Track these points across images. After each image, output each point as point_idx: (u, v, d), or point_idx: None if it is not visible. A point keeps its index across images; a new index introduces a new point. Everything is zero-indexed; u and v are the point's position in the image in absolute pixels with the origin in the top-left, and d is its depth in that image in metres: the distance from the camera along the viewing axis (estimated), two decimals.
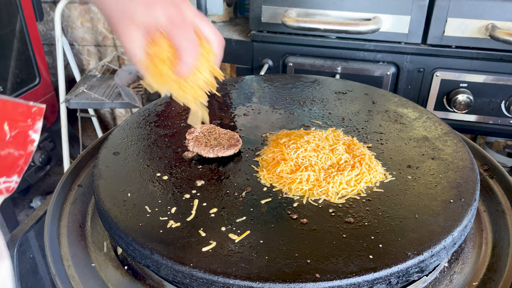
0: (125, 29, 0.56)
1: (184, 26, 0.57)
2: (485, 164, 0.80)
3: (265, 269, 0.51)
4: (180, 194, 0.64)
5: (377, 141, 0.76)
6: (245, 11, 1.51)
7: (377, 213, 0.59)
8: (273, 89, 0.96)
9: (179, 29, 0.56)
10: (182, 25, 0.57)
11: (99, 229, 0.68)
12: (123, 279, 0.60)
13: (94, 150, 0.83)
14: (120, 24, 0.56)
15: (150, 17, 0.55)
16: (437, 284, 0.60)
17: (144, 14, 0.55)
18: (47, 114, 1.98)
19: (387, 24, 1.14)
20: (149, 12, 0.55)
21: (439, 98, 1.19)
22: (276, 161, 0.68)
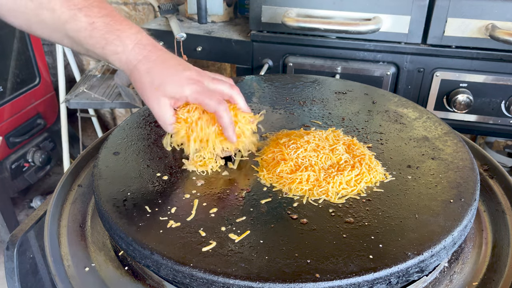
0: (157, 100, 0.65)
1: (211, 93, 0.65)
2: (485, 164, 0.80)
3: (265, 269, 0.51)
4: (180, 194, 0.64)
5: (377, 141, 0.76)
6: (245, 11, 1.51)
7: (377, 213, 0.59)
8: (273, 89, 0.96)
9: (207, 96, 0.65)
10: (208, 93, 0.65)
11: (99, 229, 0.68)
12: (123, 279, 0.60)
13: (94, 150, 0.83)
14: (153, 96, 0.65)
15: (181, 94, 0.65)
16: (437, 284, 0.60)
17: (175, 91, 0.64)
18: (47, 114, 1.98)
19: (387, 24, 1.14)
20: (180, 90, 0.64)
21: (439, 98, 1.19)
22: (276, 161, 0.68)
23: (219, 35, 1.33)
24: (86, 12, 0.62)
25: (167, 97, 0.65)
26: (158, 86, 0.64)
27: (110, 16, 0.64)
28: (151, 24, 1.43)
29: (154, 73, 0.64)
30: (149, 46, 0.65)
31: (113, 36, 0.63)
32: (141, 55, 0.64)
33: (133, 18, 2.01)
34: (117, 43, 0.63)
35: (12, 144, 1.81)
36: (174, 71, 0.65)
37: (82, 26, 0.62)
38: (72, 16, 0.62)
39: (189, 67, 0.67)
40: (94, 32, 0.62)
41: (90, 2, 0.63)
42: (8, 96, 1.77)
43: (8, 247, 0.66)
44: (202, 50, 1.34)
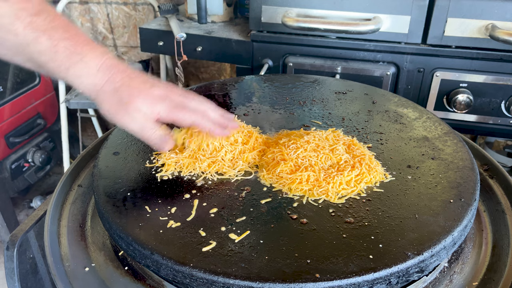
0: (131, 116, 0.63)
1: (182, 108, 0.65)
2: (485, 164, 0.80)
3: (265, 269, 0.51)
4: (180, 194, 0.64)
5: (377, 141, 0.76)
6: (245, 11, 1.51)
7: (377, 213, 0.59)
8: (273, 89, 0.96)
9: (180, 111, 0.65)
10: (180, 108, 0.65)
11: (99, 229, 0.68)
12: (123, 279, 0.60)
13: (94, 150, 0.83)
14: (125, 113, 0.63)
15: (152, 110, 0.64)
16: (437, 284, 0.60)
17: (146, 108, 0.63)
18: (47, 114, 1.98)
19: (387, 24, 1.14)
20: (151, 107, 0.63)
21: (439, 98, 1.19)
22: (276, 161, 0.68)
23: (219, 35, 1.33)
24: (49, 35, 0.60)
25: (140, 112, 0.63)
26: (127, 102, 0.62)
27: (73, 39, 0.62)
28: (151, 24, 1.43)
29: (121, 91, 0.63)
30: (114, 68, 0.64)
31: (76, 59, 0.62)
32: (106, 77, 0.63)
33: (133, 18, 2.01)
34: (80, 66, 0.62)
35: (12, 144, 1.81)
36: (142, 89, 0.64)
37: (44, 49, 0.61)
38: (35, 39, 0.60)
39: (156, 84, 0.65)
40: (56, 55, 0.61)
41: (54, 25, 0.61)
42: (8, 96, 1.77)
43: (8, 247, 0.66)
44: (202, 50, 1.34)
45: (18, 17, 0.59)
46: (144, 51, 1.46)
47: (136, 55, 2.12)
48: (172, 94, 0.66)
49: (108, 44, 2.10)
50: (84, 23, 2.06)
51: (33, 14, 0.60)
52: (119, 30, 2.06)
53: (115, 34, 2.07)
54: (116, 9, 2.00)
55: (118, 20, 2.03)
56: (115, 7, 2.00)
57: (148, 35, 1.40)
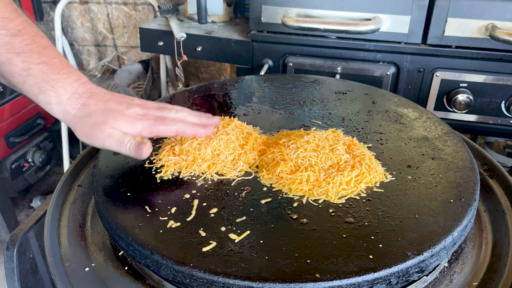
0: (108, 133, 0.62)
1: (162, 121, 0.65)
2: (485, 164, 0.80)
3: (265, 269, 0.51)
4: (180, 194, 0.64)
5: (377, 141, 0.76)
6: (245, 11, 1.51)
7: (377, 213, 0.59)
8: (273, 89, 0.96)
9: (161, 124, 0.65)
10: (160, 121, 0.65)
11: (99, 229, 0.68)
12: (123, 279, 0.60)
13: (94, 150, 0.83)
14: (101, 132, 0.63)
15: (134, 130, 0.63)
16: (437, 284, 0.60)
17: (126, 128, 0.63)
18: (47, 114, 1.98)
19: (387, 24, 1.14)
20: (132, 127, 0.63)
21: (439, 98, 1.19)
22: (276, 162, 0.68)
23: (219, 35, 1.33)
24: (24, 58, 0.60)
25: (117, 130, 0.62)
26: (104, 121, 0.62)
27: (48, 64, 0.61)
28: (151, 24, 1.43)
29: (97, 115, 0.62)
30: (86, 94, 0.64)
31: (48, 86, 0.61)
32: (78, 103, 0.63)
33: (133, 18, 2.01)
34: (51, 93, 0.62)
35: (12, 144, 1.81)
36: (118, 111, 0.63)
37: (17, 71, 0.60)
38: (8, 60, 0.60)
39: (131, 103, 0.65)
40: (28, 78, 0.61)
41: (31, 47, 0.61)
42: (8, 96, 1.77)
43: (8, 247, 0.66)
44: (202, 50, 1.34)
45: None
46: (144, 51, 1.46)
47: (136, 55, 2.12)
48: (150, 110, 0.66)
49: (108, 44, 2.10)
50: (84, 23, 2.06)
51: (12, 34, 0.60)
52: (119, 30, 2.06)
53: (115, 34, 2.07)
54: (116, 9, 2.00)
55: (118, 20, 2.03)
56: (115, 7, 2.00)
57: (148, 35, 1.40)
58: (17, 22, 0.61)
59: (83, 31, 2.09)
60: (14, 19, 0.61)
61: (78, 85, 0.64)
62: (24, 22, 0.62)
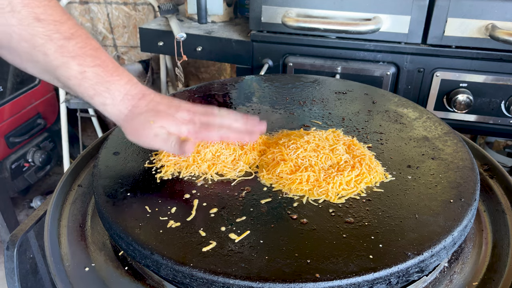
0: (154, 132, 0.64)
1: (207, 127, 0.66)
2: (485, 164, 0.80)
3: (265, 269, 0.51)
4: (180, 194, 0.64)
5: (377, 141, 0.76)
6: (245, 11, 1.51)
7: (377, 213, 0.59)
8: (273, 89, 0.96)
9: (206, 131, 0.66)
10: (205, 128, 0.66)
11: (99, 229, 0.68)
12: (123, 279, 0.60)
13: (94, 150, 0.83)
14: (149, 131, 0.64)
15: (179, 132, 0.65)
16: (437, 284, 0.60)
17: (173, 129, 0.65)
18: (47, 114, 1.98)
19: (387, 24, 1.14)
20: (178, 128, 0.65)
21: (439, 98, 1.19)
22: (276, 162, 0.68)
23: (219, 35, 1.33)
24: (79, 61, 0.61)
25: (164, 129, 0.64)
26: (154, 121, 0.64)
27: (102, 66, 0.63)
28: (151, 24, 1.43)
29: (147, 115, 0.64)
30: (139, 95, 0.66)
31: (102, 87, 0.63)
32: (130, 105, 0.65)
33: (133, 18, 2.01)
34: (106, 95, 0.64)
35: (12, 144, 1.81)
36: (167, 113, 0.65)
37: (73, 74, 0.62)
38: (64, 63, 0.61)
39: (180, 107, 0.67)
40: (84, 81, 0.62)
41: (84, 51, 0.62)
42: (8, 96, 1.77)
43: (8, 247, 0.66)
44: (202, 50, 1.34)
45: (51, 39, 0.60)
46: (144, 51, 1.46)
47: (136, 55, 2.12)
48: (196, 115, 0.67)
49: (108, 44, 2.10)
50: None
51: (66, 37, 0.61)
52: (119, 30, 2.06)
53: (115, 34, 2.07)
54: (116, 9, 2.00)
55: (118, 20, 2.03)
56: (115, 7, 2.00)
57: (148, 35, 1.40)
58: (68, 25, 0.62)
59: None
60: (66, 22, 0.62)
61: (130, 87, 0.65)
62: (74, 25, 0.63)
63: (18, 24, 0.58)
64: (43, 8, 0.60)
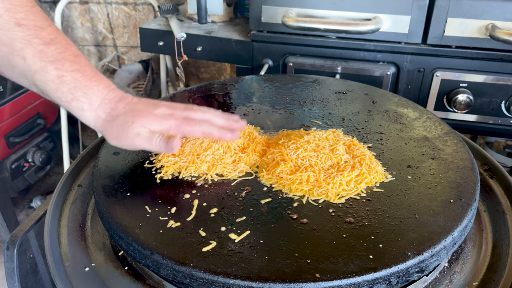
0: (136, 132, 0.63)
1: (189, 122, 0.65)
2: (485, 164, 0.80)
3: (265, 269, 0.51)
4: (180, 194, 0.64)
5: (377, 141, 0.76)
6: (245, 11, 1.51)
7: (377, 213, 0.59)
8: (273, 89, 0.96)
9: (188, 125, 0.65)
10: (187, 122, 0.65)
11: (99, 229, 0.68)
12: (123, 279, 0.60)
13: (94, 150, 0.83)
14: (130, 131, 0.63)
15: (161, 128, 0.64)
16: (437, 284, 0.60)
17: (154, 127, 0.64)
18: (47, 114, 1.98)
19: (387, 24, 1.14)
20: (159, 125, 0.64)
21: (439, 98, 1.19)
22: (276, 162, 0.68)
23: (219, 35, 1.33)
24: (57, 66, 0.61)
25: (146, 128, 0.64)
26: (133, 121, 0.63)
27: (80, 72, 0.63)
28: (151, 24, 1.43)
29: (125, 116, 0.64)
30: (116, 99, 0.65)
31: (80, 92, 0.63)
32: (108, 108, 0.64)
33: (133, 18, 2.01)
34: (83, 100, 0.63)
35: (12, 144, 1.81)
36: (146, 111, 0.65)
37: (50, 79, 0.61)
38: (42, 68, 0.61)
39: (158, 104, 0.66)
40: (61, 85, 0.62)
41: (63, 56, 0.62)
42: (8, 96, 1.77)
43: (8, 247, 0.66)
44: (202, 50, 1.34)
45: (31, 44, 0.60)
46: (144, 51, 1.46)
47: (136, 55, 2.12)
48: (176, 111, 0.66)
49: (108, 44, 2.10)
50: (84, 23, 2.06)
51: (45, 43, 0.61)
52: (119, 30, 2.06)
53: (115, 34, 2.07)
54: (116, 9, 2.00)
55: (118, 20, 2.03)
56: (115, 7, 2.00)
57: (148, 35, 1.40)
58: (49, 31, 0.62)
59: (83, 31, 2.09)
60: (46, 28, 0.62)
61: (108, 91, 0.65)
62: (55, 31, 0.63)
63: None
64: (25, 14, 0.60)
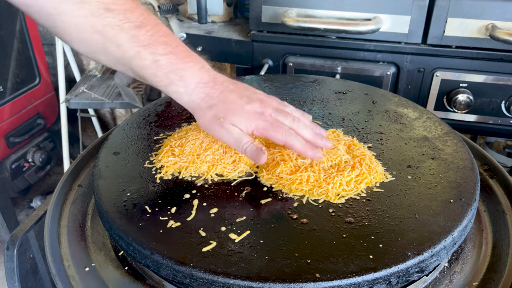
0: (226, 129, 0.64)
1: (276, 126, 0.64)
2: (485, 164, 0.80)
3: (265, 269, 0.51)
4: (180, 194, 0.64)
5: (377, 141, 0.76)
6: (245, 11, 1.51)
7: (377, 213, 0.59)
8: (273, 89, 0.96)
9: (273, 130, 0.64)
10: (273, 127, 0.64)
11: (99, 229, 0.68)
12: (123, 279, 0.60)
13: (94, 150, 0.83)
14: (220, 127, 0.64)
15: (247, 128, 0.64)
16: (437, 284, 0.60)
17: (241, 125, 0.64)
18: (47, 114, 1.98)
19: (387, 24, 1.14)
20: (246, 124, 0.64)
21: (439, 98, 1.19)
22: (275, 162, 0.68)
23: (219, 35, 1.33)
24: (151, 50, 0.61)
25: (235, 128, 0.64)
26: (223, 117, 0.63)
27: (175, 54, 0.62)
28: None
29: (217, 108, 0.64)
30: (211, 83, 0.65)
31: (176, 76, 0.63)
32: (203, 93, 0.64)
33: None
34: (179, 83, 0.63)
35: (12, 144, 1.81)
36: (238, 106, 0.64)
37: (147, 64, 0.61)
38: (137, 53, 0.61)
39: (252, 98, 0.65)
40: (158, 70, 0.62)
41: (155, 38, 0.61)
42: (8, 96, 1.77)
43: (8, 247, 0.66)
44: (202, 50, 1.34)
45: (123, 29, 0.60)
46: None
47: None
48: (267, 109, 0.65)
49: None
50: None
51: (137, 26, 0.60)
52: None
53: None
54: None
55: None
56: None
57: None
58: (138, 12, 0.61)
59: None
60: (135, 10, 0.61)
61: (203, 74, 0.65)
62: (143, 12, 0.62)
63: (90, 15, 0.58)
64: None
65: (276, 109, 0.66)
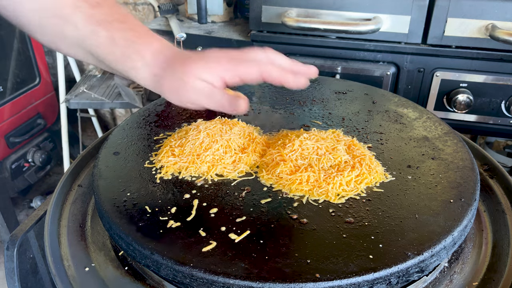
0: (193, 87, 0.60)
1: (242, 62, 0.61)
2: (485, 164, 0.80)
3: (265, 269, 0.51)
4: (180, 194, 0.64)
5: (377, 141, 0.76)
6: (245, 11, 1.51)
7: (377, 213, 0.59)
8: (273, 89, 0.96)
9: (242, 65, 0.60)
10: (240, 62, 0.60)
11: (99, 229, 0.68)
12: (123, 279, 0.60)
13: (94, 150, 0.83)
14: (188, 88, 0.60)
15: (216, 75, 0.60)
16: (437, 284, 0.60)
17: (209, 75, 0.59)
18: (47, 114, 1.98)
19: (387, 24, 1.14)
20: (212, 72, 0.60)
21: (439, 98, 1.19)
22: (275, 162, 0.68)
23: (219, 35, 1.33)
24: (106, 27, 0.59)
25: (202, 80, 0.59)
26: (183, 72, 0.59)
27: (132, 30, 0.61)
28: (151, 24, 1.43)
29: (175, 68, 0.60)
30: (170, 54, 0.62)
31: (133, 50, 0.60)
32: (163, 63, 0.61)
33: None
34: (136, 57, 0.60)
35: (12, 144, 1.81)
36: (198, 56, 0.61)
37: (102, 41, 0.60)
38: (92, 31, 0.59)
39: (210, 50, 0.62)
40: (113, 48, 0.60)
41: (113, 17, 0.60)
42: (8, 96, 1.77)
43: (8, 247, 0.66)
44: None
45: (79, 8, 0.59)
46: None
47: None
48: (226, 53, 0.61)
49: None
50: None
51: (93, 6, 0.60)
52: None
53: None
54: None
55: None
56: None
57: None
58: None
59: None
60: None
61: (162, 46, 0.62)
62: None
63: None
64: None
65: (238, 51, 0.63)
